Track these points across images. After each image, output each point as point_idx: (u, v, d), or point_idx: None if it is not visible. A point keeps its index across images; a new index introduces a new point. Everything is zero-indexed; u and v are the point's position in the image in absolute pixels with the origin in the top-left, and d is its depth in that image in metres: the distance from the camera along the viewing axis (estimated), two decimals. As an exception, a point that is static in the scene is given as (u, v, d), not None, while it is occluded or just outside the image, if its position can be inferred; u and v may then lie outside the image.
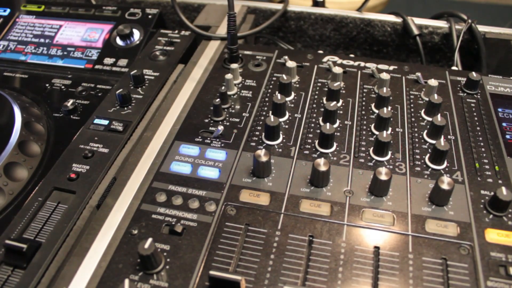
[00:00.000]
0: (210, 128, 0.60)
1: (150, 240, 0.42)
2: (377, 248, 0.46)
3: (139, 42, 0.80)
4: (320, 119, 0.61)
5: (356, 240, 0.47)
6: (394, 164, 0.55)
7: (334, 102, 0.59)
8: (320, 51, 0.76)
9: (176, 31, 0.81)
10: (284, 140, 0.58)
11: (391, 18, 0.91)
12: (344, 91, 0.67)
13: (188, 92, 0.67)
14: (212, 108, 0.62)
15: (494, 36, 0.84)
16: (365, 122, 0.61)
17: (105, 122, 0.61)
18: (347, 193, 0.51)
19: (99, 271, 0.44)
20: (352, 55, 0.79)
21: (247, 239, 0.47)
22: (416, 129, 0.60)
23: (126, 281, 0.41)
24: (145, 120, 0.63)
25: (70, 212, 0.49)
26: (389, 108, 0.63)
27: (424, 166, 0.54)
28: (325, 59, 0.73)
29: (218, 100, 0.60)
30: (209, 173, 0.54)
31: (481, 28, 0.85)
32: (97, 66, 0.77)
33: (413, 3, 2.91)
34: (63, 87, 0.73)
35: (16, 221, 0.49)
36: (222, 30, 0.83)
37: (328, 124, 0.55)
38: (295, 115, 0.62)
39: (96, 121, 0.62)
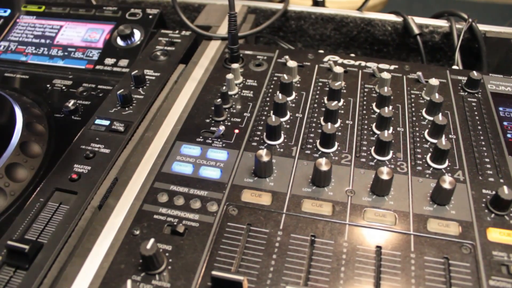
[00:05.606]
0: (212, 128, 0.60)
1: (152, 240, 0.43)
2: (379, 247, 0.46)
3: (140, 42, 0.80)
4: (321, 118, 0.61)
5: (358, 240, 0.47)
6: (395, 164, 0.55)
7: (335, 102, 0.59)
8: (321, 51, 0.76)
9: (177, 31, 0.81)
10: (285, 140, 0.58)
11: (392, 17, 0.91)
12: (345, 91, 0.67)
13: (189, 92, 0.67)
14: (213, 108, 0.62)
15: (494, 35, 0.84)
16: (366, 122, 0.61)
17: (106, 122, 0.61)
18: (348, 192, 0.51)
19: (101, 272, 0.44)
20: (352, 55, 0.79)
21: (249, 239, 0.47)
22: (417, 129, 0.60)
23: (129, 282, 0.41)
24: (146, 120, 0.63)
25: (72, 212, 0.49)
26: (390, 107, 0.63)
27: (426, 165, 0.54)
28: (326, 59, 0.73)
29: (219, 100, 0.60)
30: (211, 173, 0.54)
31: (482, 27, 0.85)
32: (98, 67, 0.77)
33: (413, 2, 2.90)
34: (64, 87, 0.73)
35: (18, 222, 0.49)
36: (223, 30, 0.83)
37: (329, 123, 0.55)
38: (296, 114, 0.62)
39: (97, 121, 0.62)
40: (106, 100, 0.66)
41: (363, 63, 0.72)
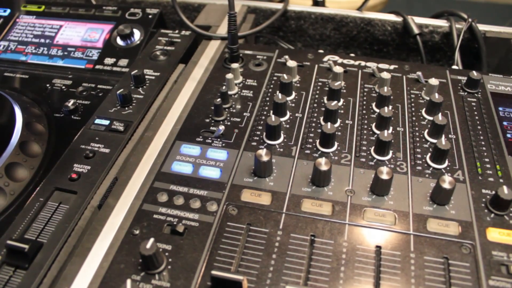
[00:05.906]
0: (211, 128, 0.60)
1: (152, 240, 0.43)
2: (378, 247, 0.46)
3: (140, 42, 0.80)
4: (321, 118, 0.61)
5: (358, 240, 0.47)
6: (395, 164, 0.55)
7: (335, 102, 0.59)
8: (321, 51, 0.76)
9: (177, 31, 0.81)
10: (285, 140, 0.58)
11: (392, 17, 0.91)
12: (344, 91, 0.67)
13: (189, 92, 0.67)
14: (213, 108, 0.62)
15: (494, 35, 0.84)
16: (366, 122, 0.61)
17: (106, 122, 0.61)
18: (348, 192, 0.51)
19: (101, 271, 0.44)
20: (352, 55, 0.79)
21: (248, 238, 0.47)
22: (417, 128, 0.60)
23: (128, 281, 0.41)
24: (146, 120, 0.63)
25: (72, 212, 0.49)
26: (390, 107, 0.63)
27: (425, 165, 0.55)
28: (325, 59, 0.73)
29: (219, 99, 0.60)
30: (211, 173, 0.54)
31: (481, 27, 0.85)
32: (97, 66, 0.77)
33: (413, 2, 2.91)
34: (63, 87, 0.73)
35: (18, 222, 0.49)
36: (223, 30, 0.83)
37: (329, 123, 0.55)
38: (296, 114, 0.62)
39: (97, 121, 0.62)
40: (106, 99, 0.66)
41: (363, 63, 0.72)
